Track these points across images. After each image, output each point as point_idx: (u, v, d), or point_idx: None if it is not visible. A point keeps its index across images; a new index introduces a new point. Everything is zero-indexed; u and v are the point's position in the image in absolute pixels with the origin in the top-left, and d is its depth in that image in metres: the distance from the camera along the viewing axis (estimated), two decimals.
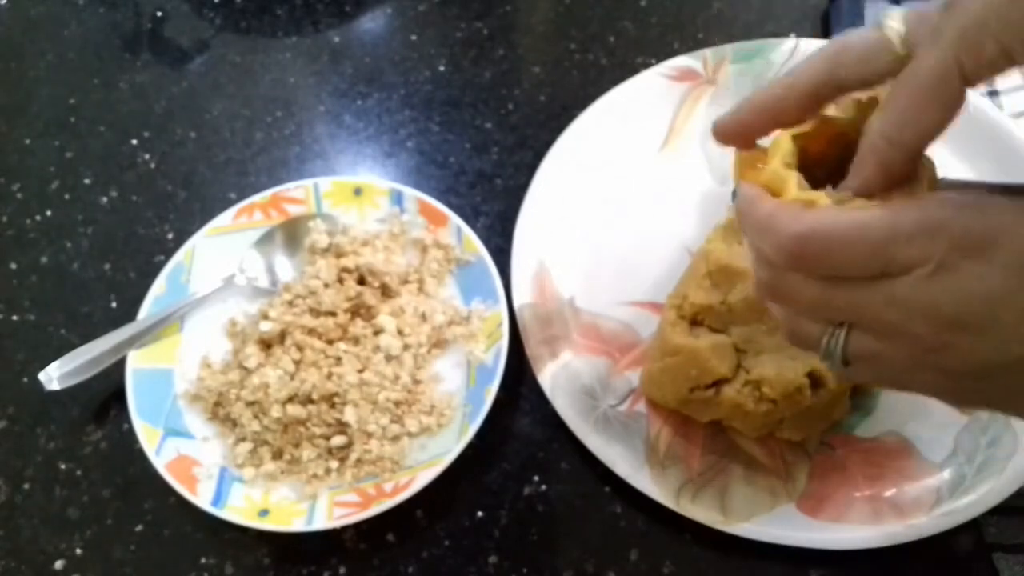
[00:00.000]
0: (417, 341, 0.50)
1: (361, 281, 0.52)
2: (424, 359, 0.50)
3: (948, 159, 0.55)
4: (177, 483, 0.45)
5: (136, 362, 0.49)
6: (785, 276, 0.30)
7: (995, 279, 0.26)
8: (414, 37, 0.66)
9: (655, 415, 0.48)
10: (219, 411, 0.49)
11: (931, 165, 0.31)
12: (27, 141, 0.62)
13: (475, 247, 0.52)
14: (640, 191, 0.56)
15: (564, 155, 0.56)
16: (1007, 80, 0.59)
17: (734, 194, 0.33)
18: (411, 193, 0.54)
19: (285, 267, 0.53)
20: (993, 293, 0.26)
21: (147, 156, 0.61)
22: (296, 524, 0.44)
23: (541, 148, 0.56)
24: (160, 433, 0.47)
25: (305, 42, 0.66)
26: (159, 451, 0.46)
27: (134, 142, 0.62)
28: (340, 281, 0.51)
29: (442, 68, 0.64)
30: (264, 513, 0.45)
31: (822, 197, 0.30)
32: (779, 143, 0.33)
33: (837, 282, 0.29)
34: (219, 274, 0.52)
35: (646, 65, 0.60)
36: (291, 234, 0.54)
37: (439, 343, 0.51)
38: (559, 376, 0.49)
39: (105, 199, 0.59)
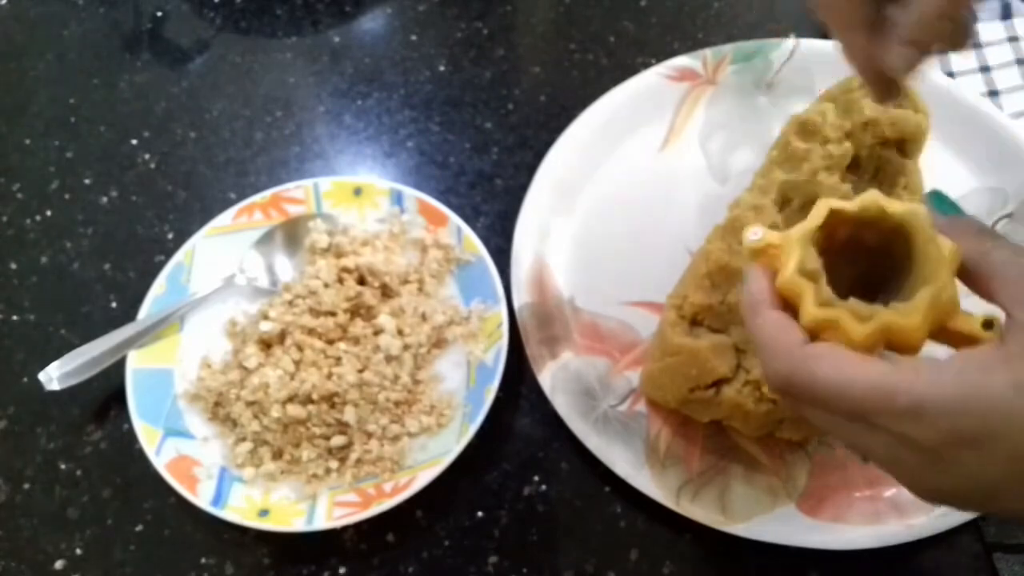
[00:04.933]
0: (417, 341, 0.50)
1: (361, 281, 0.52)
2: (424, 359, 0.50)
3: (949, 159, 0.55)
4: (177, 483, 0.45)
5: (136, 362, 0.49)
6: None
7: (996, 469, 0.26)
8: (414, 37, 0.66)
9: (655, 415, 0.48)
10: (219, 411, 0.49)
11: (952, 251, 0.30)
12: (27, 141, 0.62)
13: (475, 247, 0.52)
14: (640, 191, 0.56)
15: (564, 155, 0.56)
16: (1007, 80, 0.59)
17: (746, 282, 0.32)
18: (411, 193, 0.54)
19: (285, 267, 0.53)
20: (993, 480, 0.26)
21: (147, 156, 0.61)
22: (296, 524, 0.44)
23: (541, 148, 0.56)
24: (160, 433, 0.47)
25: (305, 42, 0.66)
26: (159, 451, 0.46)
27: (134, 142, 0.62)
28: (340, 281, 0.51)
29: (442, 68, 0.64)
30: (264, 513, 0.45)
31: (842, 315, 0.29)
32: (792, 243, 0.31)
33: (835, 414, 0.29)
34: (219, 274, 0.52)
35: (646, 65, 0.60)
36: (291, 234, 0.54)
37: (439, 343, 0.51)
38: (559, 376, 0.49)
39: (105, 199, 0.59)
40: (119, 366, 0.49)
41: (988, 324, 0.29)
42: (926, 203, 0.32)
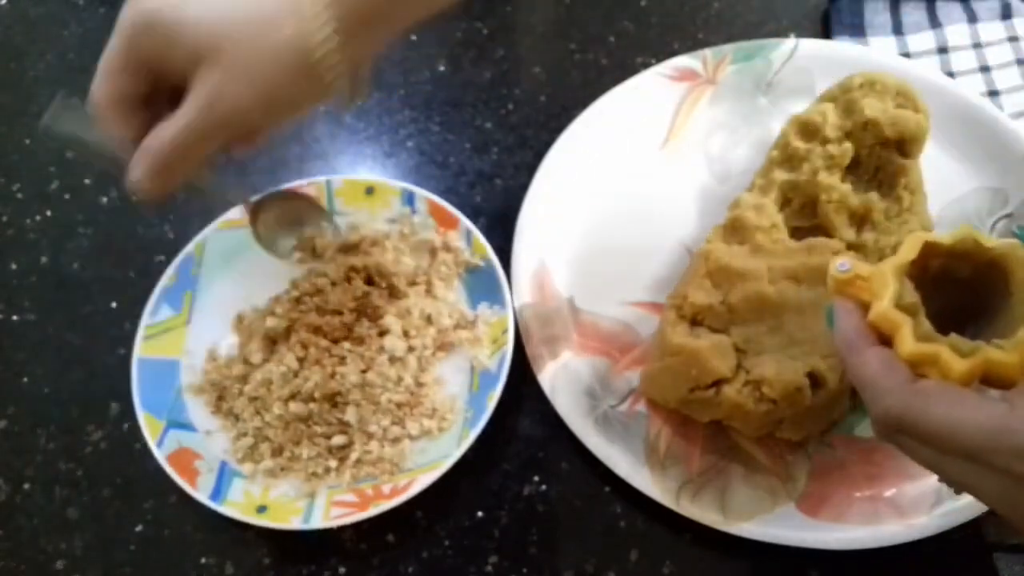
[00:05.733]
0: (422, 344, 0.50)
1: (369, 281, 0.51)
2: (428, 362, 0.50)
3: (949, 159, 0.55)
4: (177, 475, 0.45)
5: (142, 352, 0.49)
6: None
7: None
8: (414, 37, 0.66)
9: (655, 415, 0.48)
10: (222, 405, 0.49)
11: None
12: (27, 141, 0.62)
13: (484, 251, 0.51)
14: (640, 191, 0.56)
15: (564, 155, 0.56)
16: (1007, 80, 0.59)
17: (829, 315, 0.33)
18: (422, 194, 0.54)
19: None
20: None
21: None
22: (293, 522, 0.44)
23: (541, 148, 0.56)
24: (163, 425, 0.47)
25: None
26: (161, 443, 0.46)
27: None
28: (348, 280, 0.51)
29: (442, 68, 0.64)
30: (262, 509, 0.45)
31: (942, 349, 0.29)
32: (885, 276, 0.31)
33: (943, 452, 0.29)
34: (229, 268, 0.53)
35: (646, 65, 0.60)
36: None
37: (444, 346, 0.50)
38: (559, 376, 0.49)
39: (105, 199, 0.59)
40: (122, 363, 0.49)
41: None
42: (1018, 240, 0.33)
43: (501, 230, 0.55)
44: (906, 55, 0.61)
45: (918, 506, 0.44)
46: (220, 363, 0.50)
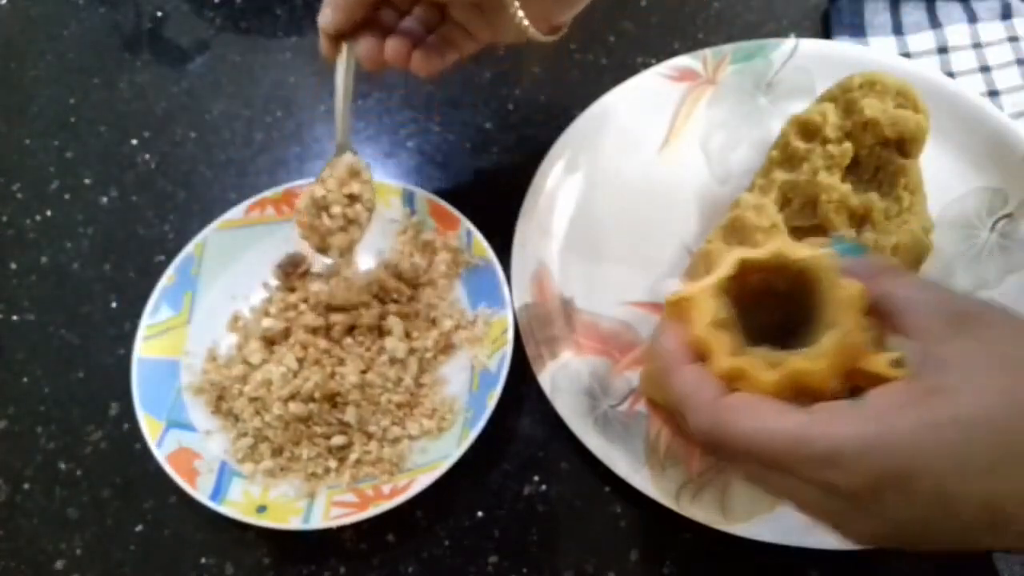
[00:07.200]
0: (424, 346, 0.49)
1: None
2: (429, 363, 0.50)
3: (949, 159, 0.55)
4: (177, 475, 0.45)
5: (142, 352, 0.49)
6: None
7: (920, 509, 0.26)
8: None
9: (655, 415, 0.48)
10: (222, 405, 0.49)
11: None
12: (27, 141, 0.62)
13: (484, 251, 0.51)
14: (640, 191, 0.56)
15: (564, 155, 0.56)
16: (1007, 80, 0.59)
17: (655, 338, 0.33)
18: (422, 194, 0.54)
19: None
20: (921, 520, 0.26)
21: (147, 156, 0.61)
22: (293, 522, 0.44)
23: (541, 148, 0.56)
24: (163, 425, 0.47)
25: (305, 42, 0.66)
26: (160, 443, 0.46)
27: (134, 142, 0.62)
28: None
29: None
30: (262, 509, 0.45)
31: (749, 363, 0.29)
32: (701, 299, 0.32)
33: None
34: (229, 268, 0.53)
35: (646, 65, 0.60)
36: None
37: (445, 349, 0.50)
38: (559, 376, 0.49)
39: (105, 199, 0.59)
40: (121, 363, 0.49)
41: (897, 362, 0.29)
42: (832, 248, 0.33)
43: (501, 230, 0.55)
44: (906, 55, 0.61)
45: None
46: (220, 363, 0.50)
